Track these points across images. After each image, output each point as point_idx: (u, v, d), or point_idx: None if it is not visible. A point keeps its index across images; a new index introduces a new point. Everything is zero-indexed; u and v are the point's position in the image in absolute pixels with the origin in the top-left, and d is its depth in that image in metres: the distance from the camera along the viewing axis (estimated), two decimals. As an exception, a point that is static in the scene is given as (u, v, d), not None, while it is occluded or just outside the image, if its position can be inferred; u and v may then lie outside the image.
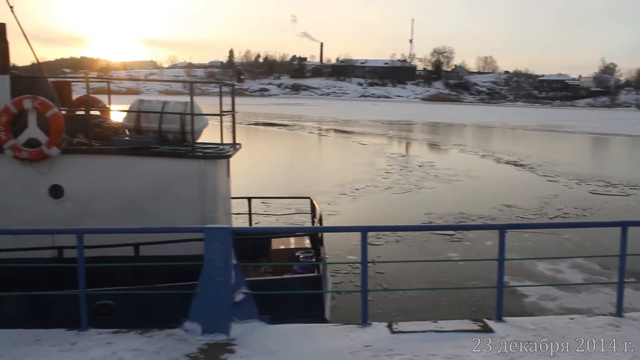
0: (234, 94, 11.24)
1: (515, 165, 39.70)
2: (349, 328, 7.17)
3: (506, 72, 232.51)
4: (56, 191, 10.05)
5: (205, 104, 11.06)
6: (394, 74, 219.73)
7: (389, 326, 7.18)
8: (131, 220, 9.63)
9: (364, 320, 7.27)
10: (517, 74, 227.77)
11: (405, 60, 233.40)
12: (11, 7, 12.01)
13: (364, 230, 7.30)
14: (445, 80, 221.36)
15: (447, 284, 14.66)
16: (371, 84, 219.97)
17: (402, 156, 44.65)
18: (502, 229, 7.32)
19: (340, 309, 11.57)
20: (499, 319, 7.35)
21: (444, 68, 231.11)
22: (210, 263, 6.87)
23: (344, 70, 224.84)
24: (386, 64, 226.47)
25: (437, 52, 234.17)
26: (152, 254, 9.03)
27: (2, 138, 9.69)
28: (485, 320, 7.34)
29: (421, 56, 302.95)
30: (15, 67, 11.55)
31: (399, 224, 21.63)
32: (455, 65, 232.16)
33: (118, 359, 6.36)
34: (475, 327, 7.15)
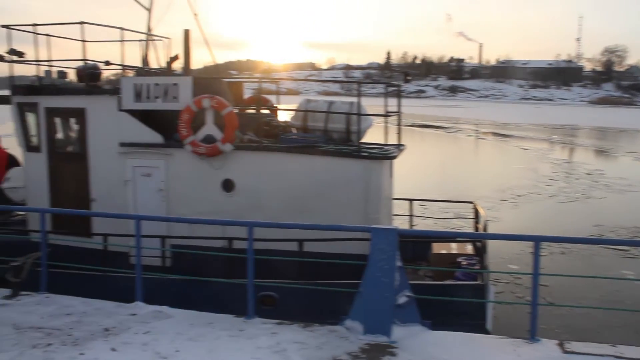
0: (399, 94, 11.18)
1: None
2: (516, 342, 6.78)
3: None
4: (228, 185, 10.64)
5: (367, 104, 11.11)
6: (558, 76, 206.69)
7: (560, 345, 6.68)
8: (295, 216, 9.92)
9: (532, 336, 6.84)
10: None
11: (571, 61, 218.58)
12: (195, 14, 12.97)
13: (537, 240, 6.87)
14: (617, 82, 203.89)
15: (620, 305, 13.41)
16: (533, 86, 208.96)
17: (568, 162, 41.86)
18: None
19: (502, 321, 11.04)
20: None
21: (616, 68, 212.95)
22: (375, 263, 6.84)
23: (503, 71, 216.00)
24: (550, 64, 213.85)
25: (608, 51, 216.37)
26: (317, 251, 9.23)
27: (183, 134, 10.46)
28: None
29: (589, 56, 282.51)
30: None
31: (566, 234, 20.24)
32: (630, 65, 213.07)
33: (282, 349, 6.55)
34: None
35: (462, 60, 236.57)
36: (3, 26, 11.78)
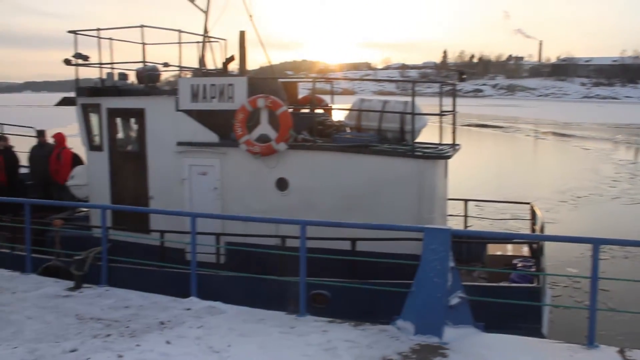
0: (455, 93, 11.03)
1: None
2: (573, 348, 6.59)
3: None
4: (282, 184, 10.75)
5: (422, 104, 11.01)
6: (624, 73, 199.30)
7: (621, 352, 6.45)
8: (348, 215, 9.93)
9: (590, 342, 6.64)
10: None
11: (637, 57, 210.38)
12: (250, 15, 13.16)
13: (596, 242, 6.67)
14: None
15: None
16: (596, 84, 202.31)
17: (633, 163, 40.27)
18: None
19: (558, 325, 10.74)
20: None
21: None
22: (427, 263, 6.79)
23: (564, 69, 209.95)
24: (614, 61, 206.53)
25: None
26: (369, 250, 9.22)
27: (238, 133, 10.63)
28: None
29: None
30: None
31: (630, 238, 19.48)
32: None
33: (333, 347, 6.59)
34: None
35: (520, 58, 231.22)
36: (69, 31, 12.26)
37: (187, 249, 10.14)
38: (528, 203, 12.46)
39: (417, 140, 10.81)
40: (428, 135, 11.51)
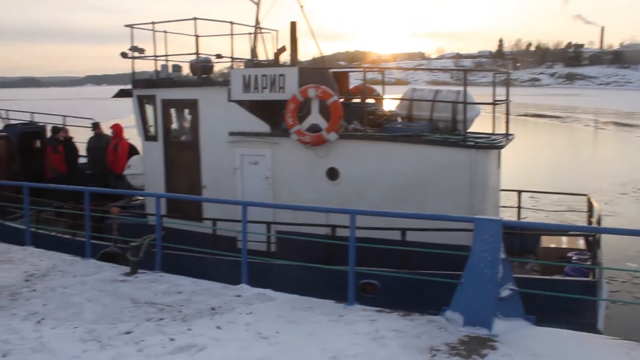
0: (508, 82, 10.81)
1: None
2: (630, 345, 6.36)
3: None
4: (332, 173, 10.79)
5: (475, 93, 10.82)
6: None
7: (682, 350, 6.21)
8: (398, 205, 9.89)
9: (649, 339, 6.41)
10: None
11: None
12: (301, 6, 13.20)
13: None
14: None
15: None
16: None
17: (701, 155, 38.52)
18: None
19: (615, 321, 10.42)
20: None
21: None
22: (477, 254, 6.70)
23: (628, 56, 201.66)
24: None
25: None
26: (418, 240, 9.17)
27: (289, 123, 10.71)
28: None
29: None
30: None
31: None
32: None
33: (380, 336, 6.58)
34: None
35: (580, 45, 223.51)
36: (126, 26, 12.61)
37: (238, 237, 10.31)
38: (585, 195, 12.11)
39: (469, 130, 10.64)
40: (481, 125, 11.31)
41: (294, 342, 6.47)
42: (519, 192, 12.73)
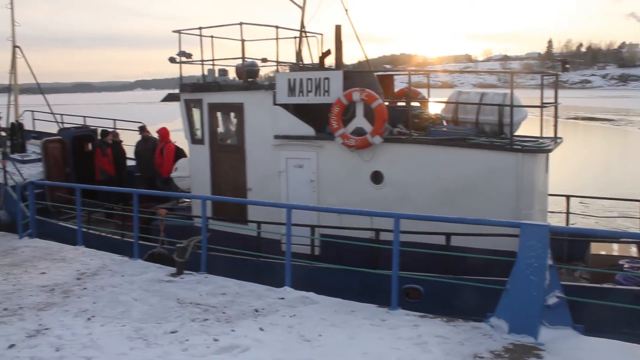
0: (557, 84, 10.57)
1: None
2: (685, 358, 6.16)
3: None
4: (377, 177, 10.75)
5: (523, 96, 10.62)
6: None
7: None
8: (443, 210, 9.78)
9: None
10: None
11: None
12: (346, 10, 13.23)
13: None
14: None
15: None
16: None
17: None
18: None
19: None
20: None
21: None
22: (523, 260, 6.58)
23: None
24: None
25: None
26: (462, 245, 9.06)
27: (334, 126, 10.74)
28: None
29: None
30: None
31: None
32: None
33: (423, 342, 6.53)
34: None
35: (635, 45, 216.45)
36: (174, 31, 12.87)
37: (282, 239, 10.39)
38: (638, 200, 11.74)
39: (516, 133, 10.45)
40: (528, 128, 11.10)
41: (336, 345, 6.48)
42: (568, 197, 12.43)
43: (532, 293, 6.53)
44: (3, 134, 19.03)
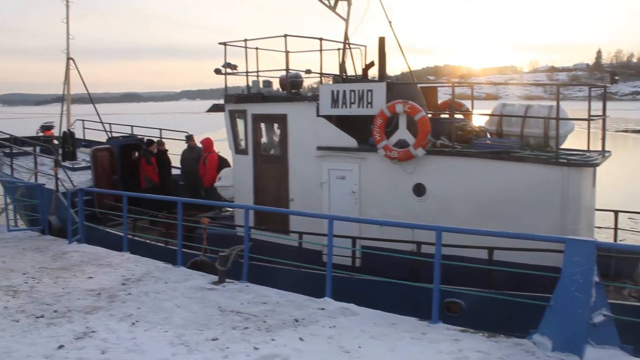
0: (605, 96, 10.34)
1: None
2: None
3: None
4: (419, 189, 10.70)
5: (570, 108, 10.43)
6: None
7: None
8: (486, 223, 9.66)
9: None
10: None
11: None
12: (390, 21, 13.26)
13: None
14: None
15: None
16: None
17: None
18: None
19: None
20: None
21: None
22: (568, 277, 6.44)
23: None
24: None
25: None
26: (505, 260, 8.92)
27: (377, 138, 10.75)
28: None
29: None
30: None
31: None
32: None
33: (464, 357, 6.46)
34: None
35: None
36: (220, 43, 13.12)
37: (324, 250, 10.42)
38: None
39: (562, 146, 10.26)
40: (575, 141, 10.88)
41: (375, 357, 6.47)
42: (616, 212, 12.10)
43: (577, 310, 6.38)
44: (55, 142, 19.72)
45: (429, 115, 10.94)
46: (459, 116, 12.13)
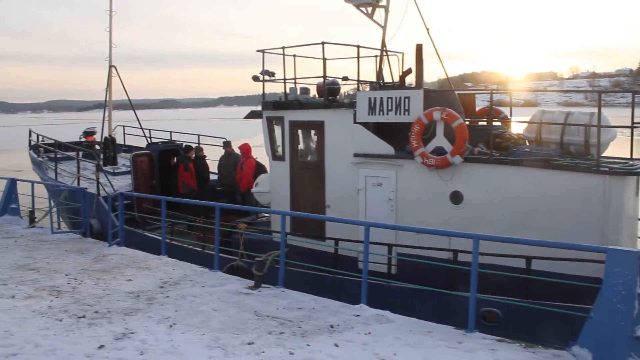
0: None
1: None
2: None
3: None
4: (456, 197, 10.61)
5: (612, 115, 10.22)
6: None
7: None
8: (524, 232, 9.52)
9: None
10: None
11: None
12: (427, 29, 13.22)
13: None
14: None
15: None
16: None
17: None
18: None
19: None
20: None
21: None
22: (610, 288, 6.30)
23: None
24: None
25: None
26: (543, 269, 8.78)
27: (414, 145, 10.71)
28: None
29: None
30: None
31: None
32: None
33: (501, 367, 6.38)
34: None
35: None
36: (258, 50, 13.27)
37: (359, 257, 10.42)
38: None
39: (604, 154, 10.06)
40: (618, 149, 10.66)
41: (410, 365, 6.44)
42: (661, 223, 11.79)
43: (619, 322, 6.24)
44: (97, 147, 20.21)
45: (467, 123, 10.85)
46: (497, 123, 12.01)
